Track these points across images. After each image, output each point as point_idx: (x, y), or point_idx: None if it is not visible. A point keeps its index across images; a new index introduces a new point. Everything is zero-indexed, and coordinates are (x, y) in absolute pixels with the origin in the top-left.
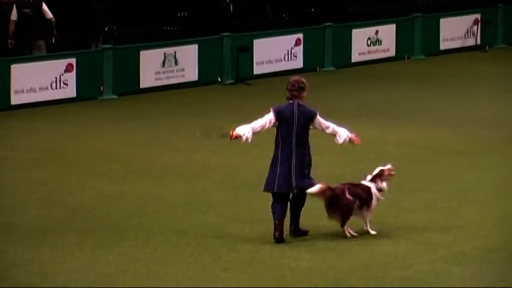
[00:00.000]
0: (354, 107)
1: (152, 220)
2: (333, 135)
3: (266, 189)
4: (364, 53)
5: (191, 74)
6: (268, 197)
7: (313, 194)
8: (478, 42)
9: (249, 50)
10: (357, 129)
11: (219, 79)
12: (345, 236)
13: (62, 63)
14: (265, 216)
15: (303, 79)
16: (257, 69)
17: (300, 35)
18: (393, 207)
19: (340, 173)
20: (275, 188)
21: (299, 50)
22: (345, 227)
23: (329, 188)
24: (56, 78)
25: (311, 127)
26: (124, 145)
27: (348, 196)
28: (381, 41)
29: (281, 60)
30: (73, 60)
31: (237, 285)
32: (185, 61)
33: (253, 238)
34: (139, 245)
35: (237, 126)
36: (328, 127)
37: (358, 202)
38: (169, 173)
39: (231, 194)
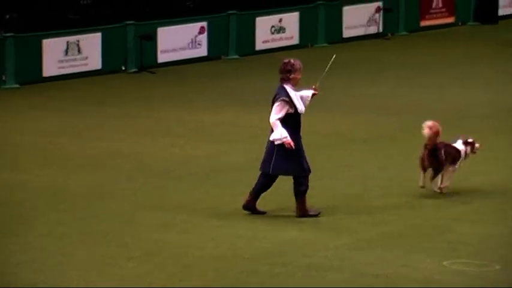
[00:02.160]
0: (258, 94)
1: (57, 209)
2: None
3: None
4: (268, 41)
5: (95, 62)
6: (175, 186)
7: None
8: (380, 29)
9: (152, 38)
10: (262, 117)
11: (123, 67)
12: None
13: None
14: (172, 205)
15: (290, 60)
16: (161, 58)
17: (204, 23)
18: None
19: (245, 161)
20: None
21: (203, 38)
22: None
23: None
24: None
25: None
26: (29, 134)
27: (443, 154)
28: (284, 28)
29: (185, 48)
30: None
31: (142, 273)
32: (88, 49)
33: (159, 227)
34: (43, 234)
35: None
36: (271, 117)
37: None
38: (76, 162)
39: (139, 182)
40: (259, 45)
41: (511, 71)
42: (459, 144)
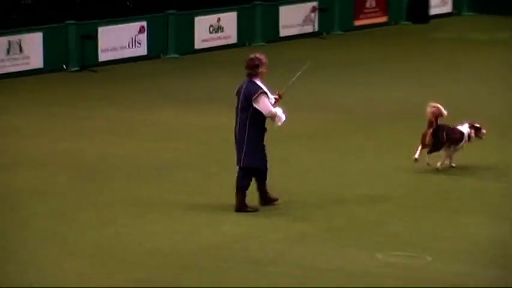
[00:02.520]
0: (198, 93)
1: None
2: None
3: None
4: (207, 40)
5: (36, 61)
6: (115, 183)
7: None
8: (316, 29)
9: (93, 38)
10: (202, 115)
11: (64, 66)
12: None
13: None
14: (112, 202)
15: (256, 56)
16: (102, 57)
17: (144, 23)
18: (234, 189)
19: (182, 158)
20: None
21: (143, 37)
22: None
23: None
24: None
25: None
26: None
27: (444, 135)
28: (222, 28)
29: (125, 47)
30: None
31: (83, 270)
32: (30, 49)
33: (99, 224)
34: None
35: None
36: (265, 110)
37: (448, 143)
38: (17, 160)
39: (78, 180)
40: (198, 44)
41: (440, 68)
42: (464, 127)
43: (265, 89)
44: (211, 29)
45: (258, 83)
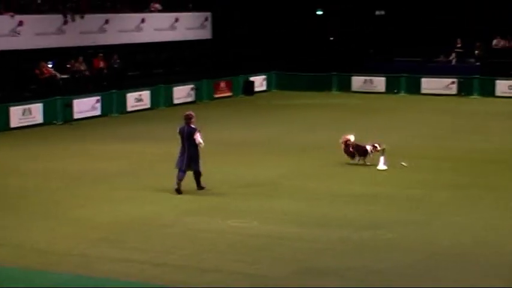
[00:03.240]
0: (131, 134)
1: None
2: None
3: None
4: (133, 106)
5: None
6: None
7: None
8: (194, 99)
9: (71, 106)
10: (131, 145)
11: (55, 121)
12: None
13: None
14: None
15: (191, 112)
16: (76, 116)
17: (99, 97)
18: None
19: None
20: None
21: (98, 105)
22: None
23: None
24: None
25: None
26: None
27: (351, 149)
28: (142, 99)
29: (89, 110)
30: None
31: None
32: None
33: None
34: None
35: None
36: (197, 140)
37: (356, 153)
38: None
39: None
40: (129, 108)
41: (261, 119)
42: (368, 146)
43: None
44: (136, 100)
45: (193, 126)
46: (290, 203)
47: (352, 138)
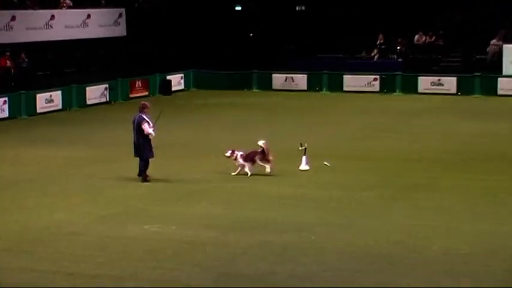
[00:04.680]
0: (41, 137)
1: None
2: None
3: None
4: (44, 107)
5: None
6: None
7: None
8: (108, 99)
9: None
10: (41, 150)
11: None
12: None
13: None
14: None
15: (145, 102)
16: None
17: (6, 98)
18: (63, 194)
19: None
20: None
21: (6, 106)
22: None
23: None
24: None
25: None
26: None
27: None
28: (53, 100)
29: None
30: None
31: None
32: None
33: None
34: None
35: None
36: (145, 131)
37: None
38: None
39: None
40: (39, 110)
41: (180, 120)
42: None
43: (147, 119)
44: (46, 101)
45: (144, 116)
46: (210, 207)
47: (261, 143)
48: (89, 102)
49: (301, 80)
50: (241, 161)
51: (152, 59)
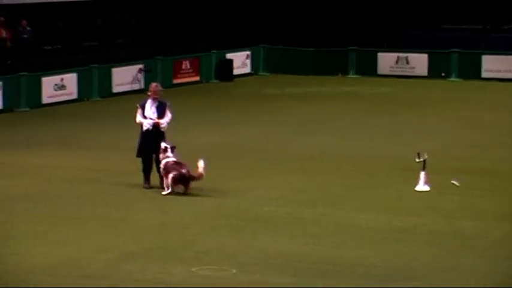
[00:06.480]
0: (46, 139)
1: None
2: None
3: None
4: (52, 96)
5: None
6: None
7: None
8: (142, 86)
9: None
10: (45, 156)
11: None
12: None
13: None
14: None
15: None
16: None
17: (0, 83)
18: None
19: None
20: None
21: None
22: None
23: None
24: None
25: None
26: None
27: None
28: (65, 86)
29: None
30: None
31: None
32: None
33: None
34: None
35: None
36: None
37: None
38: None
39: None
40: (45, 100)
41: (242, 117)
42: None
43: (142, 106)
44: (55, 87)
45: (147, 101)
46: (281, 242)
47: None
48: (115, 89)
49: (419, 61)
50: None
51: (206, 30)
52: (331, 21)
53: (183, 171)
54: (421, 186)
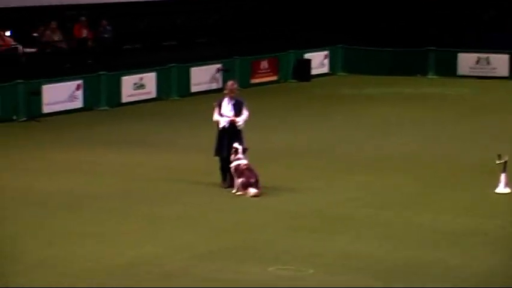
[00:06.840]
0: (125, 137)
1: None
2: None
3: None
4: (132, 95)
5: None
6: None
7: None
8: (221, 85)
9: (39, 94)
10: (125, 155)
11: (15, 117)
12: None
13: None
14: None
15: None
16: (46, 109)
17: (80, 81)
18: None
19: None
20: None
21: (80, 93)
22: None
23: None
24: None
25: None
26: None
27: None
28: (144, 85)
29: (65, 101)
30: None
31: None
32: None
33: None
34: None
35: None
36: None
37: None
38: None
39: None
40: (124, 99)
41: (318, 118)
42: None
43: (219, 104)
44: (135, 86)
45: (222, 99)
46: (358, 243)
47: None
48: (193, 89)
49: (501, 62)
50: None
51: (284, 30)
52: (410, 21)
53: (252, 180)
54: (502, 189)
